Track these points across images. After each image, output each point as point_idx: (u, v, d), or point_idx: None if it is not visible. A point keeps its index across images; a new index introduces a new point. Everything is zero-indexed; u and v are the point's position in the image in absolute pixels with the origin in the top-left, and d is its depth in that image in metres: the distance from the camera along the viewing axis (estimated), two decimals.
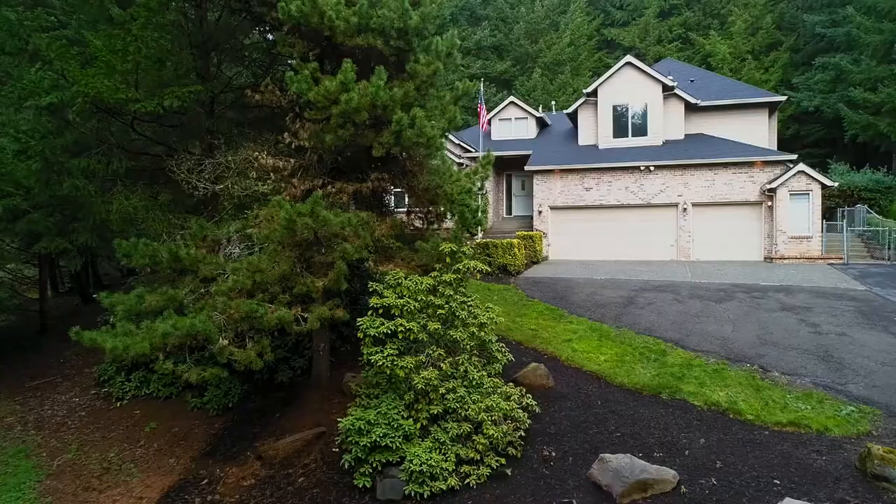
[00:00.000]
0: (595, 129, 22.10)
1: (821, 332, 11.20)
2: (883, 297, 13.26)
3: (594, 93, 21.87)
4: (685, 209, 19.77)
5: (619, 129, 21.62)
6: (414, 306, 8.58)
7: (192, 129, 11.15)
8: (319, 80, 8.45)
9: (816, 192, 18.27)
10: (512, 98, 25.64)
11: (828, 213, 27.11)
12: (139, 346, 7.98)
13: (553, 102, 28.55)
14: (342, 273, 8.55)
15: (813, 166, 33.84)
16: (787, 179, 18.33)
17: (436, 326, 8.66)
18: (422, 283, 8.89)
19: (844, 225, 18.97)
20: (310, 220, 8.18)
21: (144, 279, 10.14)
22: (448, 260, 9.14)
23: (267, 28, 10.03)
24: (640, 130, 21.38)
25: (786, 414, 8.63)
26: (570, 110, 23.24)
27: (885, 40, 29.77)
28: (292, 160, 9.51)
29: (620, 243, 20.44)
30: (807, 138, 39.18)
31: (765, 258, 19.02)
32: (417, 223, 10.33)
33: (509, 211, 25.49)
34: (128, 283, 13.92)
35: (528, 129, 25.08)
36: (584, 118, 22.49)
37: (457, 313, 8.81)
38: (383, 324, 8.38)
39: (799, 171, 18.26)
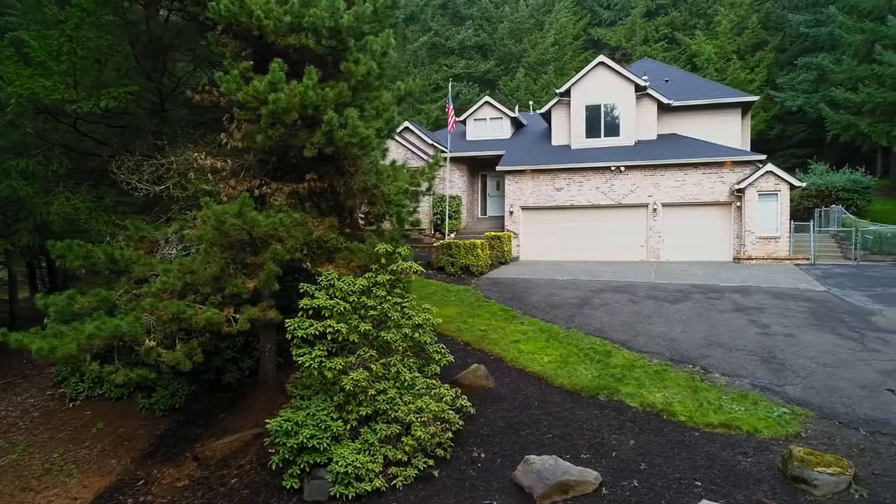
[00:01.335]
0: (568, 129, 22.07)
1: (769, 334, 11.17)
2: (839, 297, 13.24)
3: (567, 93, 21.85)
4: (655, 209, 19.74)
5: (592, 129, 21.60)
6: (344, 307, 8.56)
7: (140, 130, 11.12)
8: (251, 80, 8.42)
9: (784, 193, 18.25)
10: (487, 98, 25.60)
11: (806, 214, 27.15)
12: (66, 347, 7.95)
13: (531, 102, 28.57)
14: (272, 274, 8.53)
15: (796, 166, 34.04)
16: (755, 179, 18.31)
17: (367, 328, 8.64)
18: (355, 284, 8.87)
19: (811, 225, 18.94)
20: (238, 220, 8.15)
21: (84, 280, 10.10)
22: (383, 261, 9.11)
23: (206, 28, 9.96)
24: (613, 130, 21.35)
25: (718, 415, 8.61)
26: (543, 110, 23.21)
27: (867, 40, 29.79)
28: (230, 161, 9.49)
29: (591, 244, 20.42)
30: (791, 138, 39.23)
31: (734, 259, 19.00)
32: (362, 223, 10.30)
33: (484, 211, 25.47)
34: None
35: (503, 130, 25.05)
36: (557, 118, 22.46)
37: (389, 314, 8.78)
38: (312, 325, 8.35)
39: (767, 172, 18.24)
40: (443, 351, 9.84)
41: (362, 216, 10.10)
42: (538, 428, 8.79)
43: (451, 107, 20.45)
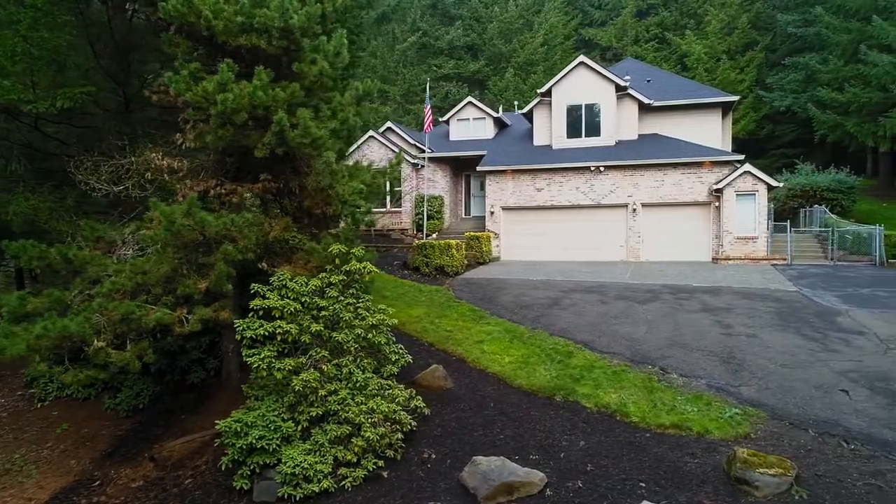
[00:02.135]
0: (550, 129, 22.05)
1: (732, 334, 11.16)
2: (808, 297, 13.22)
3: (548, 92, 21.83)
4: (635, 210, 19.72)
5: (573, 129, 21.58)
6: (295, 308, 8.55)
7: (101, 131, 11.12)
8: (201, 81, 8.41)
9: (762, 193, 18.23)
10: (470, 98, 25.59)
11: (791, 214, 27.13)
12: (16, 347, 7.96)
13: (516, 103, 28.58)
14: (224, 274, 8.52)
15: (786, 166, 33.99)
16: (733, 180, 18.29)
17: (319, 328, 8.63)
18: (308, 284, 8.86)
19: (788, 225, 18.92)
20: (187, 220, 8.15)
21: (42, 280, 10.11)
22: (338, 261, 9.10)
23: (161, 28, 9.94)
24: (594, 130, 21.33)
25: (671, 416, 8.59)
26: (525, 110, 23.19)
27: (852, 39, 29.76)
28: (186, 161, 9.48)
29: (572, 244, 20.40)
30: (782, 138, 39.21)
31: (712, 259, 18.98)
32: (316, 224, 10.29)
33: (468, 211, 25.46)
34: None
35: (486, 130, 25.04)
36: (539, 118, 22.44)
37: (341, 315, 8.77)
38: (261, 325, 8.35)
39: (745, 172, 18.22)
40: (401, 351, 9.82)
41: (320, 216, 10.09)
42: (491, 429, 8.78)
43: (429, 107, 20.45)
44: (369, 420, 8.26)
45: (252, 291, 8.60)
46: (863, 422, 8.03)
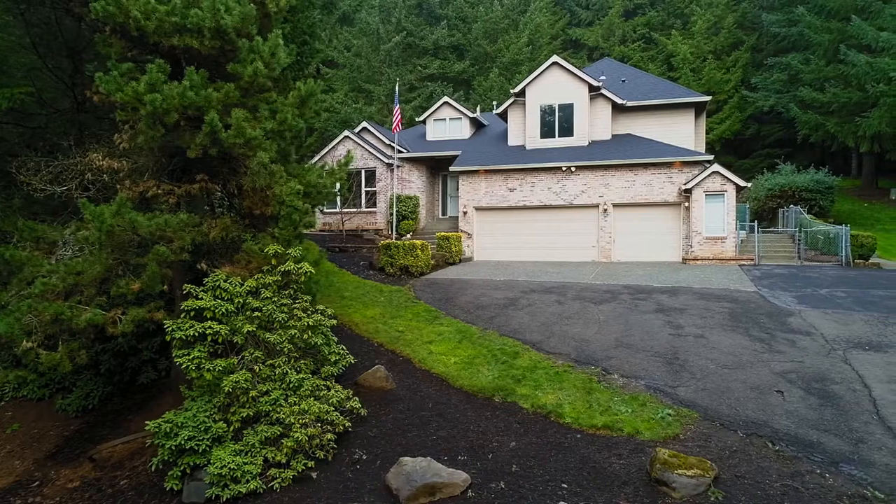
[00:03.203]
0: (524, 129, 22.03)
1: (681, 335, 11.15)
2: (765, 298, 13.20)
3: (522, 93, 21.81)
4: (606, 210, 19.71)
5: (547, 129, 21.56)
6: (227, 308, 8.55)
7: (49, 131, 11.12)
8: (131, 81, 8.40)
9: (731, 193, 18.21)
10: (446, 98, 25.57)
11: (771, 214, 27.13)
12: None
13: (495, 102, 28.61)
14: (156, 275, 8.51)
15: (772, 166, 33.97)
16: (702, 180, 18.28)
17: (252, 328, 8.63)
18: (242, 285, 8.86)
19: (756, 226, 18.93)
20: (116, 221, 8.15)
21: None
22: (274, 262, 9.09)
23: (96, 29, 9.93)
24: (567, 131, 21.31)
25: (604, 417, 8.59)
26: (499, 110, 23.18)
27: (833, 39, 29.76)
28: (125, 161, 9.47)
29: (544, 244, 20.39)
30: (767, 138, 39.24)
31: (682, 259, 18.96)
32: (258, 224, 10.27)
33: (444, 212, 25.45)
34: None
35: (462, 130, 25.03)
36: (513, 118, 22.43)
37: (274, 316, 8.76)
38: (192, 326, 8.34)
39: (714, 172, 18.21)
40: (342, 352, 9.82)
41: (260, 216, 10.08)
42: (426, 429, 8.77)
43: (398, 107, 20.45)
44: (300, 421, 8.25)
45: (185, 292, 8.59)
46: (791, 423, 8.03)
